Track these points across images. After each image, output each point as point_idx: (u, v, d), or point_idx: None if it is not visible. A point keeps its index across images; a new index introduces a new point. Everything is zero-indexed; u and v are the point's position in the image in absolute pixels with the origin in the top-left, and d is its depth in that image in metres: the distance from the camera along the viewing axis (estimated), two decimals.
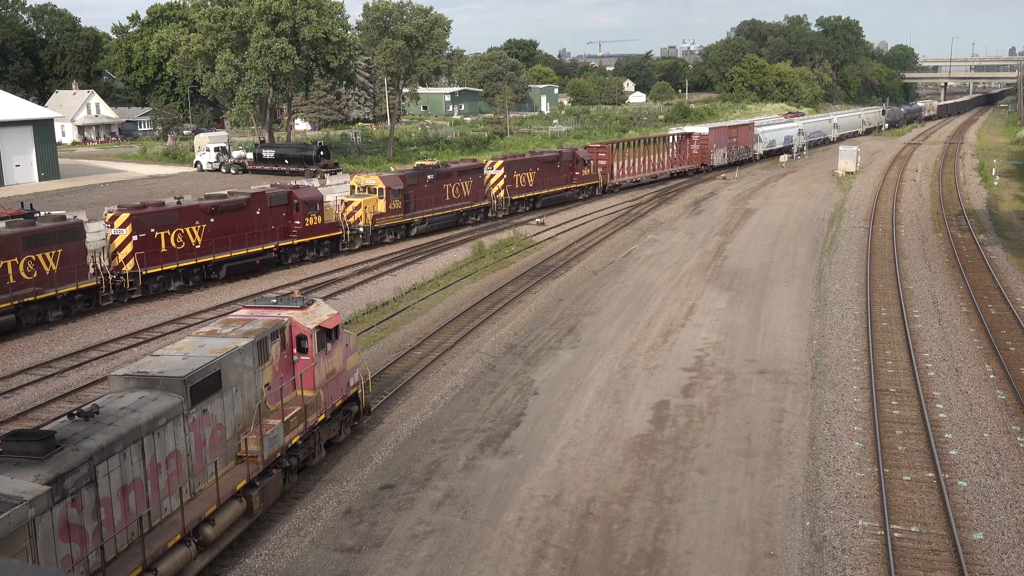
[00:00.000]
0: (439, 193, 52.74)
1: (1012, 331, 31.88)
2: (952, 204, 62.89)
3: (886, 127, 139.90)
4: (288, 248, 43.87)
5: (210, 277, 40.45)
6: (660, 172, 78.32)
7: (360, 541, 18.56)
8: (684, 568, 17.38)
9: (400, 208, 49.83)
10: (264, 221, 42.53)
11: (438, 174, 52.91)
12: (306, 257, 45.04)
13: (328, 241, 46.05)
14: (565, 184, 64.03)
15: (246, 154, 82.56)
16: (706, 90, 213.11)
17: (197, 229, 39.53)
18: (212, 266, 40.34)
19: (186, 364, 17.48)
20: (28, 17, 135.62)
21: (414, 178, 51.30)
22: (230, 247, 40.69)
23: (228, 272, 40.74)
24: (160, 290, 38.43)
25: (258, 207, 42.30)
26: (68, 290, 34.49)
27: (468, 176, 55.38)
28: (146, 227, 37.52)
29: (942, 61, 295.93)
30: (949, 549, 17.80)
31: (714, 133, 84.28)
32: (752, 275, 41.29)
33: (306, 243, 44.71)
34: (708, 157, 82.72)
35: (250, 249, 41.55)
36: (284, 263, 43.82)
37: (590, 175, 66.92)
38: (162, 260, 38.17)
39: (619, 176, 71.92)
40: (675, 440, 23.05)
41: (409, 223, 50.94)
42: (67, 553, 14.01)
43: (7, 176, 72.94)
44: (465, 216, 55.45)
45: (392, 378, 28.00)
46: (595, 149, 70.59)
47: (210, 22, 79.54)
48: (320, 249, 45.73)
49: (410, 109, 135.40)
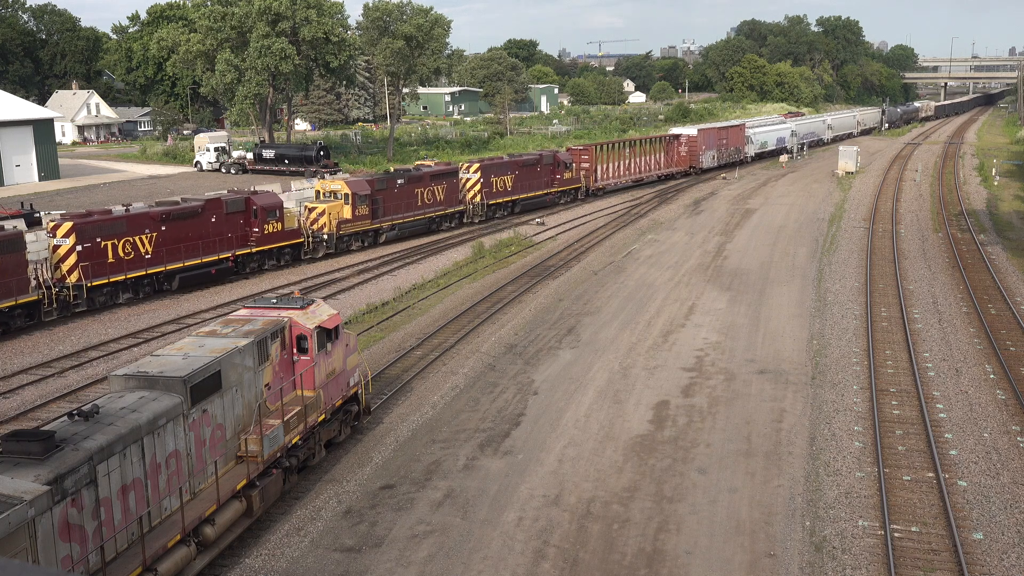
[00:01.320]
0: (410, 198, 50.85)
1: (1012, 331, 31.88)
2: (952, 204, 62.89)
3: (886, 127, 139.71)
4: (246, 257, 41.89)
5: (162, 288, 38.46)
6: (646, 175, 76.62)
7: (360, 541, 18.57)
8: (684, 568, 17.38)
9: (367, 214, 47.83)
10: (220, 229, 40.52)
11: (409, 178, 51.10)
12: (265, 266, 43.07)
13: (289, 249, 44.19)
14: (545, 188, 62.30)
15: (246, 154, 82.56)
16: (706, 90, 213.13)
17: (147, 238, 37.54)
18: (164, 277, 38.32)
19: (186, 364, 17.48)
20: (28, 17, 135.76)
21: (383, 183, 49.53)
22: (183, 256, 38.67)
23: (181, 283, 38.83)
24: (108, 303, 36.37)
25: (213, 214, 40.33)
26: (7, 305, 32.42)
27: (442, 180, 53.39)
28: (91, 236, 35.49)
29: (942, 61, 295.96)
30: (949, 549, 17.80)
31: (703, 135, 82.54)
32: (752, 275, 41.30)
33: (265, 251, 42.73)
34: (697, 159, 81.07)
35: (205, 258, 39.54)
36: (242, 272, 41.90)
37: (572, 178, 65.15)
38: (109, 271, 36.11)
39: (603, 179, 70.21)
40: (675, 440, 23.05)
41: (377, 230, 49.01)
42: (67, 553, 14.01)
43: (7, 176, 72.96)
44: (438, 222, 53.47)
45: (392, 378, 28.00)
46: (577, 151, 68.73)
47: (210, 22, 79.55)
48: (280, 258, 43.80)
49: (410, 109, 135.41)
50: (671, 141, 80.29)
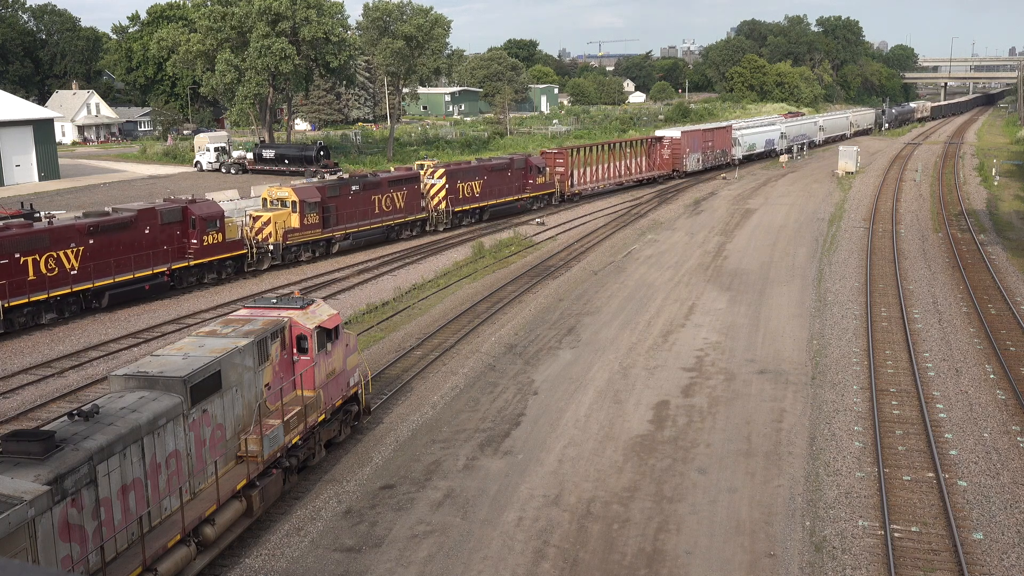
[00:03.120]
0: (366, 205, 48.43)
1: (1012, 331, 31.88)
2: (952, 204, 62.90)
3: (886, 127, 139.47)
4: (183, 271, 39.26)
5: (90, 306, 35.76)
6: (627, 179, 74.07)
7: (360, 541, 18.57)
8: (684, 568, 17.38)
9: (317, 223, 45.29)
10: (155, 241, 37.94)
11: (364, 184, 48.77)
12: (205, 280, 40.38)
13: (231, 261, 41.51)
14: (517, 193, 59.59)
15: (246, 154, 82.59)
16: (706, 90, 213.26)
17: (73, 252, 34.81)
18: (92, 294, 35.52)
19: (186, 364, 17.49)
20: (28, 17, 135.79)
21: (335, 189, 47.04)
22: (113, 272, 36.02)
23: (112, 300, 36.15)
24: (28, 324, 33.73)
25: (147, 225, 37.68)
26: None
27: (401, 186, 50.90)
28: (9, 252, 32.88)
29: (942, 61, 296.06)
30: (949, 549, 17.80)
31: (687, 137, 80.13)
32: (752, 275, 41.30)
33: (205, 264, 39.99)
34: (680, 162, 78.68)
35: (137, 273, 36.89)
36: (179, 288, 39.34)
37: (545, 183, 62.52)
38: (29, 289, 33.34)
39: (580, 184, 67.88)
40: (675, 440, 23.06)
41: (329, 239, 46.43)
42: (67, 553, 14.02)
43: (7, 176, 72.96)
44: (398, 230, 50.88)
45: (392, 378, 28.00)
46: (551, 155, 66.02)
47: (210, 22, 79.56)
48: (222, 271, 41.08)
49: (410, 109, 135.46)
50: (653, 144, 78.30)
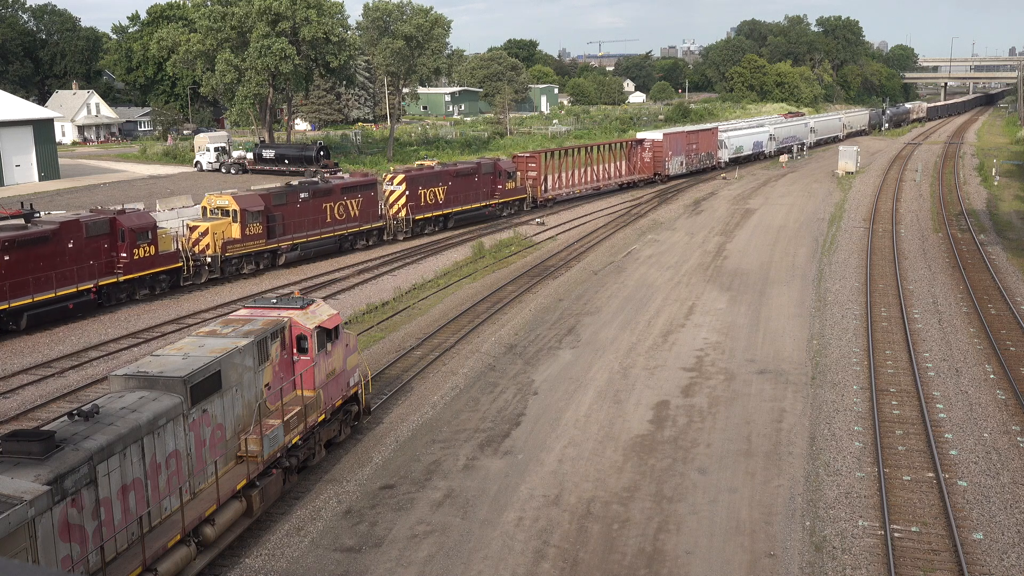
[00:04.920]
0: (317, 214, 45.64)
1: (1012, 331, 31.88)
2: (952, 204, 62.90)
3: (886, 127, 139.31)
4: (112, 287, 36.55)
5: (7, 328, 32.99)
6: (605, 183, 71.57)
7: (360, 541, 18.57)
8: (684, 568, 17.38)
9: (261, 233, 42.61)
10: (79, 256, 35.25)
11: (315, 191, 45.85)
12: (136, 297, 37.67)
13: (165, 276, 38.77)
14: (484, 200, 57.03)
15: (246, 154, 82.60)
16: (706, 90, 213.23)
17: None
18: (7, 315, 32.84)
19: (186, 364, 17.49)
20: (28, 17, 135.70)
21: (281, 197, 44.22)
22: (31, 290, 33.27)
23: (30, 321, 33.41)
24: None
25: (70, 239, 35.05)
26: None
27: (356, 193, 48.15)
28: None
29: (942, 61, 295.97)
30: (949, 549, 17.81)
31: (669, 139, 77.70)
32: (752, 275, 41.30)
33: (135, 279, 37.33)
34: (662, 166, 76.28)
35: (59, 291, 34.24)
36: (107, 305, 36.56)
37: (516, 188, 59.84)
38: None
39: (554, 189, 65.42)
40: (675, 440, 23.06)
41: (275, 250, 43.73)
42: (67, 553, 14.02)
43: (7, 176, 72.94)
44: (352, 240, 48.29)
45: (392, 378, 28.01)
46: (523, 159, 63.35)
47: (210, 22, 79.54)
48: (155, 286, 38.40)
49: (410, 109, 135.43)
50: (634, 146, 76.46)
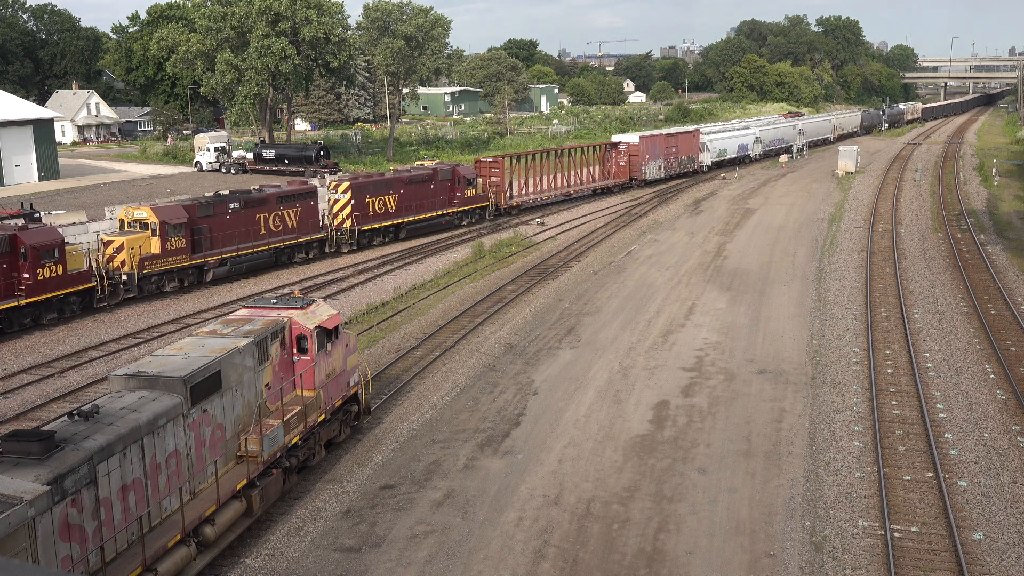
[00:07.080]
0: (250, 225, 42.29)
1: (1012, 331, 31.88)
2: (952, 204, 62.90)
3: (886, 127, 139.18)
4: (13, 311, 33.27)
5: None
6: (577, 188, 68.56)
7: (360, 541, 18.57)
8: (684, 568, 17.38)
9: (184, 247, 39.28)
10: None
11: (246, 201, 42.43)
12: (43, 320, 34.41)
13: (76, 297, 35.55)
14: (441, 208, 53.61)
15: (246, 154, 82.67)
16: (706, 90, 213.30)
17: None
18: None
19: (186, 364, 17.49)
20: (28, 17, 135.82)
21: (208, 208, 40.78)
22: None
23: None
24: None
25: None
26: None
27: (294, 202, 44.82)
28: None
29: (942, 61, 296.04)
30: (949, 549, 17.81)
31: (646, 142, 75.03)
32: (752, 275, 41.30)
33: (41, 302, 34.08)
34: (639, 170, 73.46)
35: None
36: (8, 332, 33.29)
37: (476, 196, 56.69)
38: None
39: (519, 195, 62.49)
40: (675, 440, 23.06)
41: (201, 266, 40.29)
42: (67, 553, 14.02)
43: (7, 176, 72.98)
44: (290, 253, 44.91)
45: (392, 378, 28.01)
46: (486, 163, 60.09)
47: (210, 22, 79.59)
48: (63, 309, 35.06)
49: (410, 109, 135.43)
50: (609, 150, 74.00)
